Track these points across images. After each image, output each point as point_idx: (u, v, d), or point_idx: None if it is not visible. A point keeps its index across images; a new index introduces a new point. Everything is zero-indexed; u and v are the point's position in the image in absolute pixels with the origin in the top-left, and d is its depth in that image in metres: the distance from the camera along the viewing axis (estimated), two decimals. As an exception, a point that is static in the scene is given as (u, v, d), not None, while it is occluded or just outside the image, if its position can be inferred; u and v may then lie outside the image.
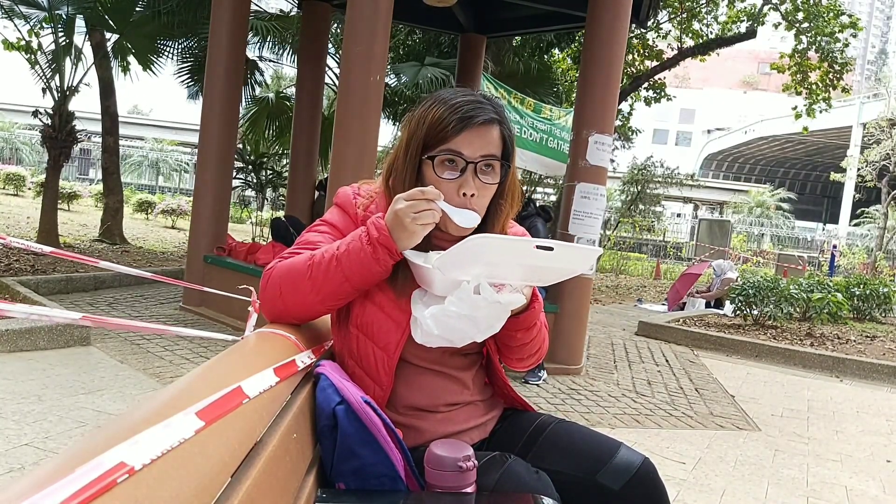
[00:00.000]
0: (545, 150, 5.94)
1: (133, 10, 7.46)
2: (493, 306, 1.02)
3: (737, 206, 36.06)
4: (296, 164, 7.46)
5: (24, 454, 2.43)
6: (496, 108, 1.16)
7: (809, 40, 10.98)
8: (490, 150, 1.13)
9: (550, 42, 9.87)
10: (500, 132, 1.15)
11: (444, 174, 1.13)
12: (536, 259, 1.00)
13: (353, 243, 1.09)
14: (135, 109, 47.73)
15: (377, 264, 1.08)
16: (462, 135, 1.11)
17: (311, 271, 1.10)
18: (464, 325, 1.03)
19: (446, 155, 1.12)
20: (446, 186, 1.12)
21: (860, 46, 66.67)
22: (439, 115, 1.13)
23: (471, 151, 1.12)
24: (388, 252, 1.07)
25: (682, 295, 9.85)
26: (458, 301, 1.02)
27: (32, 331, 3.76)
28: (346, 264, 1.08)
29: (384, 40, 4.42)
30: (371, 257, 1.07)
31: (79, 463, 0.45)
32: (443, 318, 1.03)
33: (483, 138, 1.13)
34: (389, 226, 1.07)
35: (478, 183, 1.12)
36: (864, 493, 3.01)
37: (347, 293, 1.13)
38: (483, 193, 1.14)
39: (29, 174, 20.17)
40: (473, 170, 1.12)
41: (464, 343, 1.08)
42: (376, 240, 1.07)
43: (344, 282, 1.10)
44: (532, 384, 4.40)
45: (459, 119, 1.11)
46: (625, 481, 1.10)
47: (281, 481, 0.81)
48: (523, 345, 1.21)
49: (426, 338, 1.07)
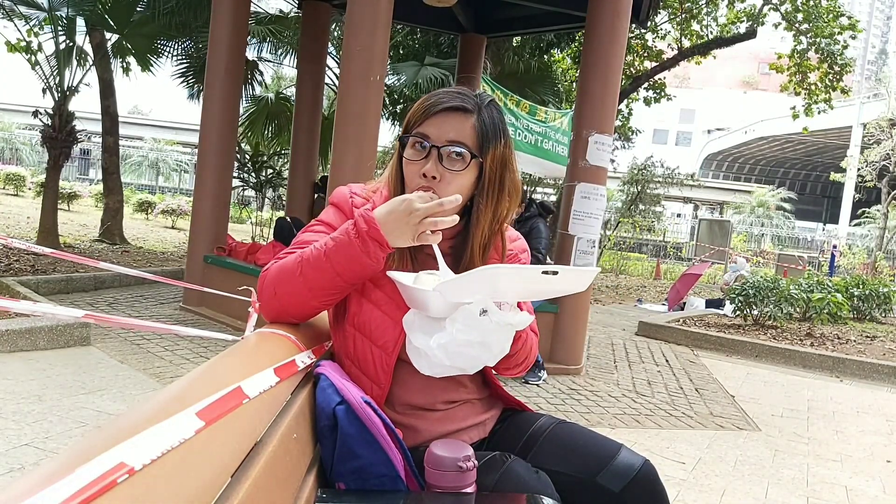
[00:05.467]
0: (540, 152, 5.95)
1: (133, 11, 7.46)
2: (505, 329, 1.00)
3: (738, 206, 36.05)
4: (296, 164, 7.46)
5: (24, 454, 2.43)
6: (474, 100, 1.16)
7: (809, 41, 10.98)
8: (458, 137, 1.12)
9: (550, 42, 9.88)
10: (473, 123, 1.13)
11: (411, 155, 1.14)
12: (540, 283, 1.00)
13: (340, 237, 1.07)
14: (135, 109, 47.70)
15: (367, 257, 1.05)
16: (430, 118, 1.13)
17: (301, 269, 1.09)
18: (476, 352, 1.00)
19: (415, 137, 1.14)
20: (411, 167, 1.14)
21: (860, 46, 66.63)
22: (419, 103, 1.17)
23: (437, 135, 1.13)
24: (378, 246, 1.05)
25: (682, 295, 9.85)
26: (466, 328, 0.98)
27: (32, 331, 3.76)
28: (335, 259, 1.07)
29: (384, 40, 4.42)
30: (360, 251, 1.05)
31: (79, 463, 0.45)
32: (454, 348, 0.99)
33: (449, 124, 1.13)
34: (384, 220, 1.04)
35: (441, 168, 1.12)
36: (864, 493, 3.01)
37: (341, 287, 1.11)
38: (449, 180, 1.12)
39: (29, 174, 20.17)
40: (437, 154, 1.12)
41: (476, 370, 1.07)
42: (366, 233, 1.04)
43: (335, 277, 1.08)
44: (532, 384, 4.40)
45: (432, 104, 1.14)
46: (625, 483, 1.10)
47: (281, 481, 0.81)
48: (509, 357, 1.18)
49: (434, 369, 1.04)
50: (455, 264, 1.17)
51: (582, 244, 4.87)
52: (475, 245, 1.18)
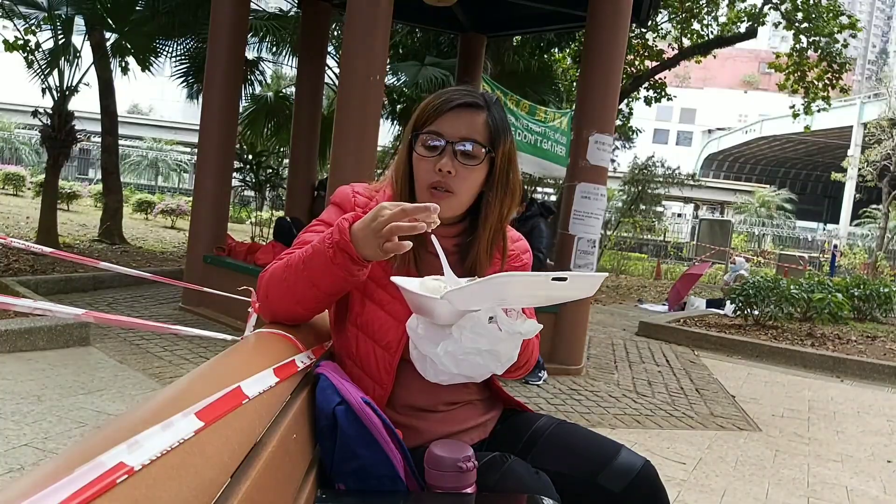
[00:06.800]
0: (539, 152, 5.98)
1: (133, 10, 7.45)
2: (513, 337, 0.99)
3: (739, 206, 36.03)
4: (295, 163, 7.46)
5: (24, 454, 2.43)
6: (485, 98, 1.18)
7: (809, 41, 10.98)
8: (471, 133, 1.14)
9: (551, 41, 9.88)
10: (485, 119, 1.15)
11: (424, 152, 1.15)
12: (549, 289, 0.99)
13: (317, 245, 1.04)
14: (134, 109, 47.68)
15: (338, 268, 1.01)
16: (444, 115, 1.15)
17: (285, 273, 1.09)
18: (484, 360, 0.99)
19: (428, 135, 1.15)
20: (424, 164, 1.15)
21: (861, 46, 66.69)
22: (428, 101, 1.18)
23: (451, 132, 1.14)
24: (348, 257, 1.00)
25: (682, 295, 9.84)
26: (474, 336, 0.96)
27: (32, 331, 3.76)
28: (311, 268, 1.05)
29: (384, 40, 4.42)
30: (331, 261, 1.01)
31: (78, 463, 0.45)
32: (462, 356, 0.97)
33: (463, 120, 1.14)
34: (356, 229, 1.00)
35: (456, 164, 1.13)
36: (864, 493, 3.00)
37: (318, 297, 1.08)
38: (464, 176, 1.14)
39: (28, 174, 20.18)
40: (452, 150, 1.13)
41: (483, 378, 1.07)
42: (336, 243, 1.01)
43: (311, 286, 1.06)
44: (532, 384, 4.40)
45: (444, 101, 1.16)
46: (625, 484, 1.10)
47: (281, 482, 0.81)
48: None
49: (440, 376, 1.02)
50: (460, 263, 1.17)
51: (582, 244, 4.87)
52: (483, 242, 1.18)
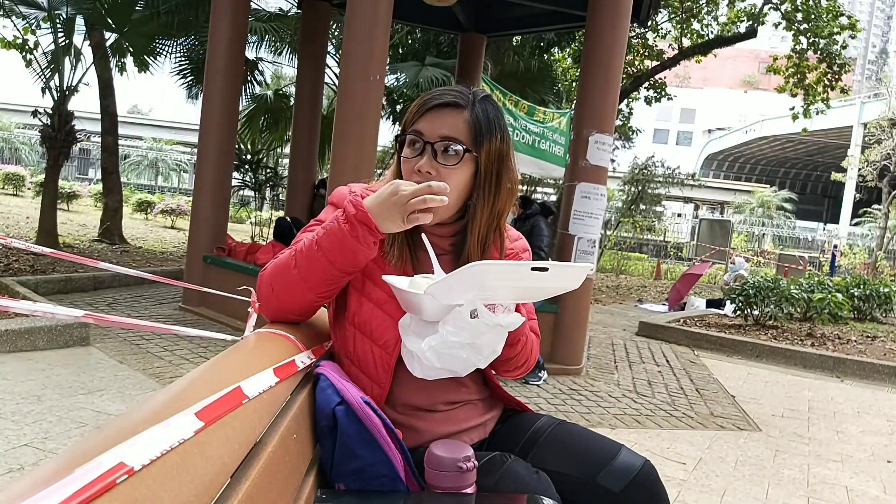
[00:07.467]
0: (537, 153, 5.98)
1: (133, 10, 7.45)
2: (495, 330, 1.00)
3: (739, 206, 36.03)
4: (295, 163, 7.46)
5: (24, 454, 2.43)
6: (468, 96, 1.16)
7: (809, 42, 10.98)
8: (450, 132, 1.13)
9: (551, 41, 9.88)
10: (466, 118, 1.14)
11: (407, 153, 1.16)
12: (531, 280, 0.99)
13: (330, 224, 1.08)
14: (134, 109, 47.71)
15: (357, 241, 1.05)
16: (424, 116, 1.15)
17: (295, 261, 1.10)
18: (467, 354, 1.00)
19: (411, 135, 1.16)
20: (407, 165, 1.16)
21: (861, 46, 66.69)
22: (414, 103, 1.18)
23: (430, 132, 1.14)
24: (367, 230, 1.05)
25: (682, 295, 9.85)
26: (456, 329, 0.98)
27: (31, 331, 3.76)
28: (326, 247, 1.07)
29: (384, 40, 4.42)
30: (349, 235, 1.05)
31: (78, 463, 0.45)
32: (444, 350, 0.99)
33: (441, 120, 1.14)
34: (373, 204, 1.05)
35: (436, 164, 1.13)
36: (864, 493, 3.00)
37: (335, 277, 1.11)
38: (446, 176, 1.12)
39: (28, 174, 20.18)
40: (431, 150, 1.13)
41: (467, 372, 1.07)
42: (354, 217, 1.05)
43: (328, 265, 1.08)
44: (532, 384, 4.40)
45: (425, 102, 1.16)
46: (625, 484, 1.10)
47: (281, 482, 0.81)
48: (508, 359, 1.18)
49: (426, 371, 1.04)
50: (454, 263, 1.17)
51: (582, 244, 4.87)
52: (473, 241, 1.18)
